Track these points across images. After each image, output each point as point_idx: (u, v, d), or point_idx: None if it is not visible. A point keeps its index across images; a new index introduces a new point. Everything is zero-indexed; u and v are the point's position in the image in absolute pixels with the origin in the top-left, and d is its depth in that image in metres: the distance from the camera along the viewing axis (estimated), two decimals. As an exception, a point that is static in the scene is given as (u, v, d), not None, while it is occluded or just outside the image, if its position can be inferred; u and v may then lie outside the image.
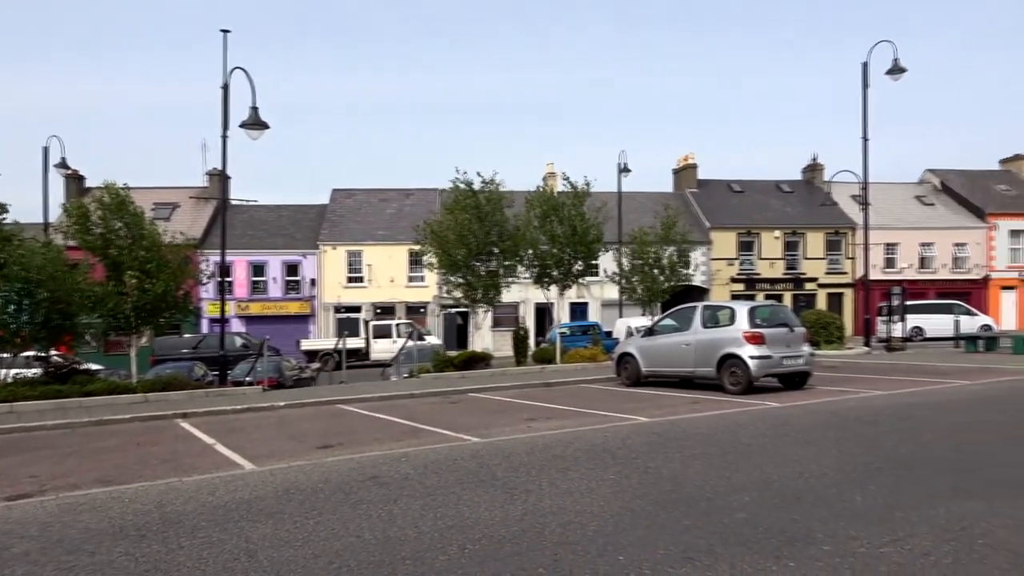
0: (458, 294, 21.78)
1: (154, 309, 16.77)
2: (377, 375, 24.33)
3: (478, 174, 21.33)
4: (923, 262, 40.96)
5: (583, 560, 4.31)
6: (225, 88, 17.29)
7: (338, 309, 38.47)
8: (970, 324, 30.41)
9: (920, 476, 6.27)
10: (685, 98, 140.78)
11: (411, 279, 38.76)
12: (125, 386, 16.26)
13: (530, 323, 35.83)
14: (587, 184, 21.77)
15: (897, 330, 25.10)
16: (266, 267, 38.72)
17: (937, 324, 31.73)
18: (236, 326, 35.85)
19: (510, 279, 21.92)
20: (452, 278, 21.55)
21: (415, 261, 36.56)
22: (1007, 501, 5.39)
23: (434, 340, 31.34)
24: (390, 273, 38.63)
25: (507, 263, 21.28)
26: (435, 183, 38.37)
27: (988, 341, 22.84)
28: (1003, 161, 46.92)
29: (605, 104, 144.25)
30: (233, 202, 40.84)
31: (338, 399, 14.18)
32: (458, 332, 38.03)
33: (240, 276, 38.18)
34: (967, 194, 43.16)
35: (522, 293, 34.22)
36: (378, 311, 38.02)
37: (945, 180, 44.87)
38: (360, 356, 32.04)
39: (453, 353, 23.66)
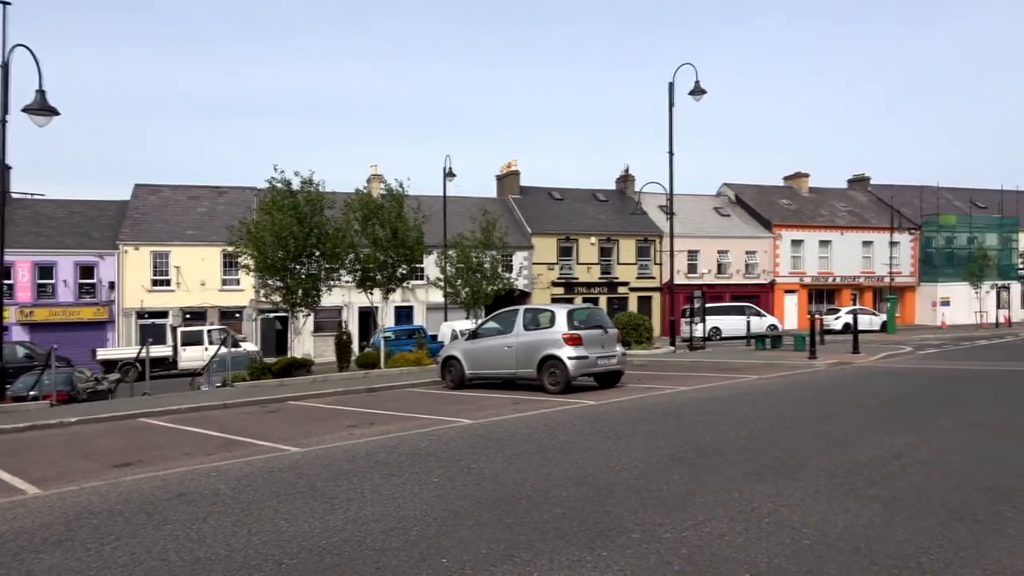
0: (276, 298, 20.89)
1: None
2: (186, 385, 22.79)
3: (296, 173, 20.62)
4: (720, 268, 44.86)
5: (406, 565, 4.28)
6: (4, 67, 15.41)
7: (141, 315, 35.49)
8: (759, 324, 33.78)
9: (717, 464, 6.84)
10: (510, 106, 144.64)
11: (225, 282, 36.60)
12: None
13: (354, 327, 35.09)
14: (402, 187, 21.69)
15: (698, 330, 27.30)
16: (55, 269, 34.89)
17: (732, 324, 34.93)
18: (18, 334, 31.99)
19: (332, 282, 21.36)
20: (270, 281, 20.64)
21: (230, 263, 34.61)
22: (788, 482, 6.02)
23: (250, 346, 29.84)
24: (201, 276, 36.24)
25: (328, 266, 20.71)
26: (252, 182, 36.60)
27: (774, 339, 25.48)
28: (786, 178, 52.59)
29: (433, 110, 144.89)
30: (14, 195, 36.45)
31: (141, 412, 13.06)
32: (277, 338, 36.42)
33: (23, 278, 34.13)
34: (757, 207, 47.86)
35: (345, 297, 33.45)
36: (188, 316, 35.55)
37: (739, 193, 49.47)
38: (167, 365, 29.85)
39: (271, 360, 22.63)
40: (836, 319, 38.63)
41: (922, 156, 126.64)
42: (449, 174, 31.22)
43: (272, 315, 34.38)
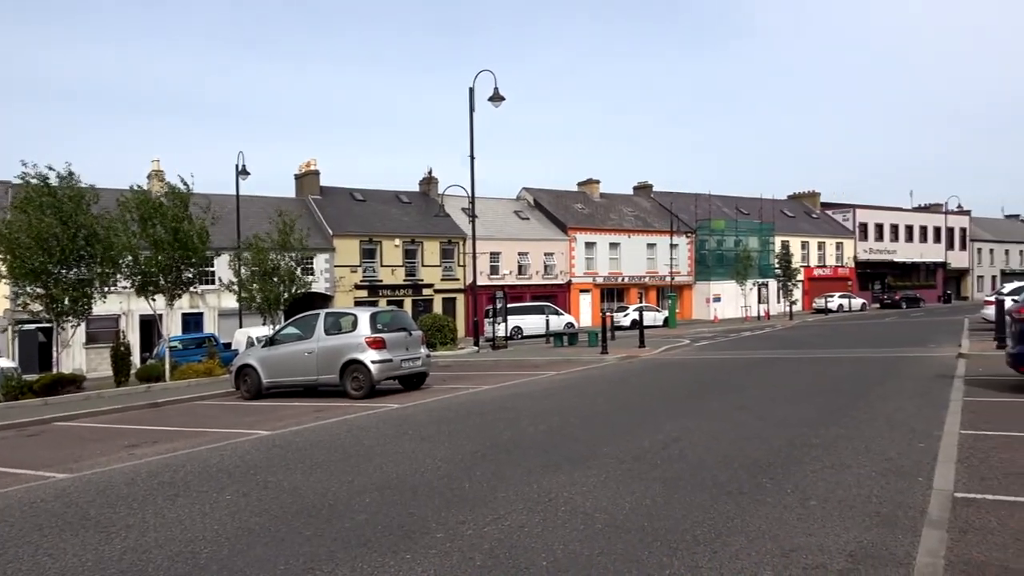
0: (37, 307, 18.56)
1: None
2: (-77, 410, 19.63)
3: (50, 168, 18.44)
4: (521, 269, 46.44)
5: (193, 592, 3.98)
6: None
7: None
8: (557, 323, 35.38)
9: (517, 458, 7.07)
10: (309, 105, 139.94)
11: (-27, 291, 31.94)
12: None
13: (134, 337, 32.09)
14: (185, 184, 20.02)
15: (501, 330, 28.04)
16: None
17: (532, 323, 36.29)
18: None
19: (106, 288, 19.34)
20: (29, 288, 18.30)
21: (-22, 269, 30.26)
22: (582, 471, 6.35)
23: (5, 362, 26.21)
24: (-58, 283, 31.37)
25: (101, 270, 18.72)
26: (2, 175, 32.23)
27: (571, 337, 26.81)
28: (580, 184, 55.58)
29: (227, 105, 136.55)
30: None
31: None
32: (40, 351, 32.32)
33: None
34: (554, 211, 50.14)
35: (123, 304, 30.58)
36: (-76, 331, 30.58)
37: (537, 198, 51.53)
38: None
39: (33, 377, 20.07)
40: (625, 316, 41.40)
41: (696, 166, 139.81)
42: (242, 172, 29.55)
43: (33, 326, 30.51)
